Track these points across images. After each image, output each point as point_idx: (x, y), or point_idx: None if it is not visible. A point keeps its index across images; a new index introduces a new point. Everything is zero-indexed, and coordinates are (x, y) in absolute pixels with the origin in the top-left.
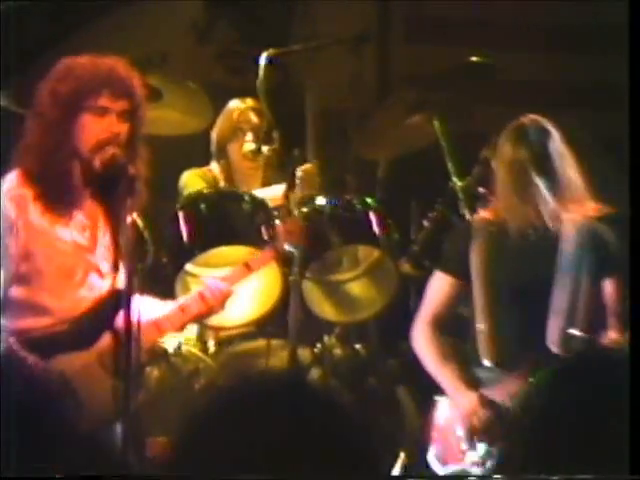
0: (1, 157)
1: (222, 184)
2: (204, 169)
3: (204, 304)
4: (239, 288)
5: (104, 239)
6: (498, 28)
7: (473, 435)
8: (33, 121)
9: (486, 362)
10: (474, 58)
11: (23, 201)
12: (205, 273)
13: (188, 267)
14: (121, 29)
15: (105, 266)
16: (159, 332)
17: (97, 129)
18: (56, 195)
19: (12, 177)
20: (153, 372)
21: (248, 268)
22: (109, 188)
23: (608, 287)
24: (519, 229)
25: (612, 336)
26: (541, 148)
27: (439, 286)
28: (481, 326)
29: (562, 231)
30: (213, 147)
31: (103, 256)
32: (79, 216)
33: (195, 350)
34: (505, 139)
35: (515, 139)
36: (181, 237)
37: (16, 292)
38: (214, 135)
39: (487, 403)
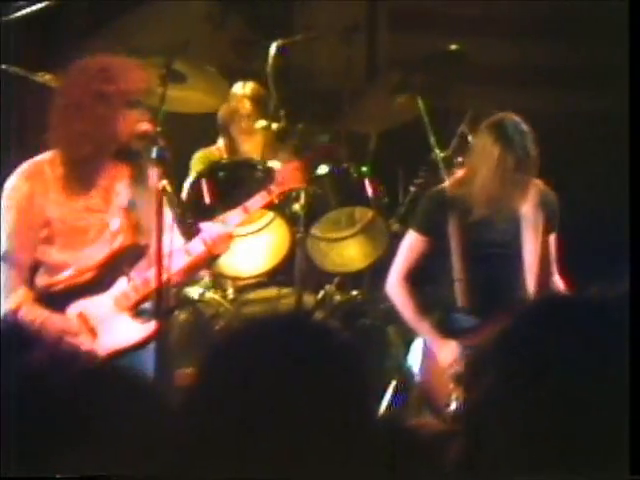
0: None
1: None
2: (212, 148)
3: (205, 246)
4: (253, 243)
5: (119, 201)
6: (470, 19)
7: (458, 381)
8: (68, 110)
9: (463, 307)
10: (451, 46)
11: (38, 177)
12: None
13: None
14: (147, 23)
15: (116, 224)
16: (167, 273)
17: (133, 119)
18: (83, 174)
19: (36, 157)
20: (181, 315)
21: (245, 210)
22: (138, 159)
23: (552, 240)
24: (492, 208)
25: (556, 279)
26: (523, 150)
27: (412, 243)
28: (459, 276)
29: (523, 200)
30: (218, 127)
31: (115, 215)
32: (96, 184)
33: (216, 297)
34: (488, 136)
35: (499, 139)
36: (203, 200)
37: (40, 254)
38: (218, 117)
39: (466, 349)
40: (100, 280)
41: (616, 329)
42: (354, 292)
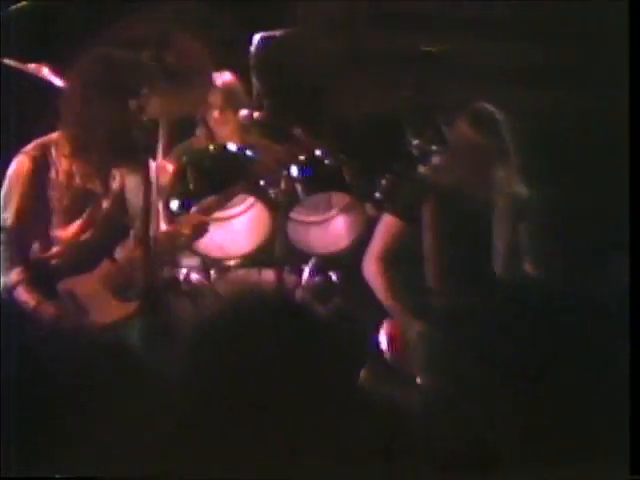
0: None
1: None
2: (192, 139)
3: (182, 230)
4: (235, 227)
5: (115, 185)
6: (446, 19)
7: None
8: (75, 98)
9: (436, 289)
10: (428, 48)
11: (43, 158)
12: None
13: (194, 210)
14: (140, 20)
15: (108, 205)
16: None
17: (133, 109)
18: (85, 158)
19: (43, 138)
20: (167, 295)
21: (224, 198)
22: (137, 147)
23: (522, 230)
24: (470, 196)
25: (528, 268)
26: (498, 139)
27: (389, 226)
28: (433, 259)
29: (499, 188)
30: (195, 117)
31: (108, 198)
32: (95, 168)
33: (200, 278)
34: (463, 124)
35: (474, 127)
36: (188, 185)
37: (39, 231)
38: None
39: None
40: (88, 259)
41: (616, 327)
42: (331, 273)
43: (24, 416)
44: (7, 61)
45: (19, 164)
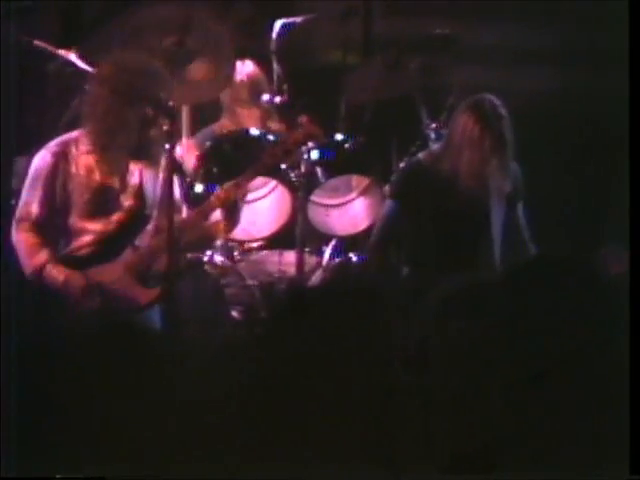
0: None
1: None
2: (214, 124)
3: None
4: (257, 209)
5: (133, 178)
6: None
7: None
8: (94, 103)
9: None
10: (439, 30)
11: (64, 154)
12: None
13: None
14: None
15: (127, 198)
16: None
17: (149, 113)
18: (104, 156)
19: (65, 136)
20: (192, 274)
21: (244, 180)
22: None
23: (519, 208)
24: (472, 184)
25: (530, 245)
26: (500, 134)
27: (388, 209)
28: (427, 239)
29: (498, 177)
30: (220, 104)
31: (127, 192)
32: (113, 164)
33: (223, 258)
34: (468, 117)
35: (478, 122)
36: (212, 169)
37: (63, 221)
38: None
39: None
40: (111, 250)
41: (616, 327)
42: (351, 254)
43: (24, 416)
44: (40, 44)
45: (41, 159)
